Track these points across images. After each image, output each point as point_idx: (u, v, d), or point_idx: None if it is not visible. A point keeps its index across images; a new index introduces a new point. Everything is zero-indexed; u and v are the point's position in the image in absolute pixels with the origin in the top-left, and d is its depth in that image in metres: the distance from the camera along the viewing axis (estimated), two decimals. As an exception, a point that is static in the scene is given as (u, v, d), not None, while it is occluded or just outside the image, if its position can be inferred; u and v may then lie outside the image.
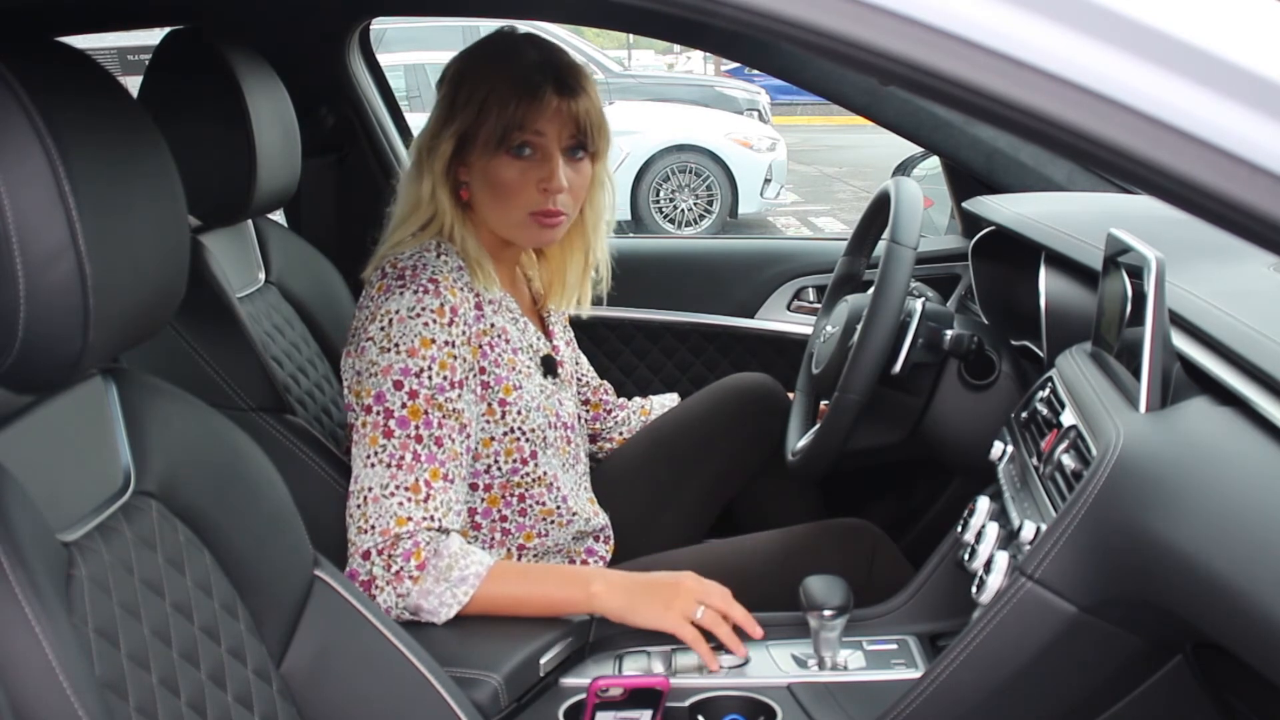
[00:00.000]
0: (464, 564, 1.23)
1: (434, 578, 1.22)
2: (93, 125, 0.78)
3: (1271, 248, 0.56)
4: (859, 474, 1.97)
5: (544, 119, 1.33)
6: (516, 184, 1.34)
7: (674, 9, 0.59)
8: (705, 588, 1.28)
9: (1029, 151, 1.87)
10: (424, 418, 1.26)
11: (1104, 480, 0.98)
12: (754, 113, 9.03)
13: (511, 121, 1.32)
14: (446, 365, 1.28)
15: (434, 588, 1.22)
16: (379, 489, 1.24)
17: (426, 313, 1.28)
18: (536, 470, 1.42)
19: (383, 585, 1.22)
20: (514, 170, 1.34)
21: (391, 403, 1.26)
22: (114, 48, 6.65)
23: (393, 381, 1.26)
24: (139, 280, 0.82)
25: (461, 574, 1.22)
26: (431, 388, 1.27)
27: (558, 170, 1.35)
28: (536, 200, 1.35)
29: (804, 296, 2.26)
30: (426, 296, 1.28)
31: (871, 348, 1.40)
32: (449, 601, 1.22)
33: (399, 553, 1.21)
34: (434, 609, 1.23)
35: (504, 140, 1.33)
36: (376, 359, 1.28)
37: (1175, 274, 1.06)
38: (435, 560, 1.22)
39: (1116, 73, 0.53)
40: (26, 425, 0.82)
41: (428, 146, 1.36)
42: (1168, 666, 1.03)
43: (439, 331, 1.28)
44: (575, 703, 1.25)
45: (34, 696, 0.71)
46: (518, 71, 1.34)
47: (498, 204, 1.36)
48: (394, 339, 1.27)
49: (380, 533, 1.23)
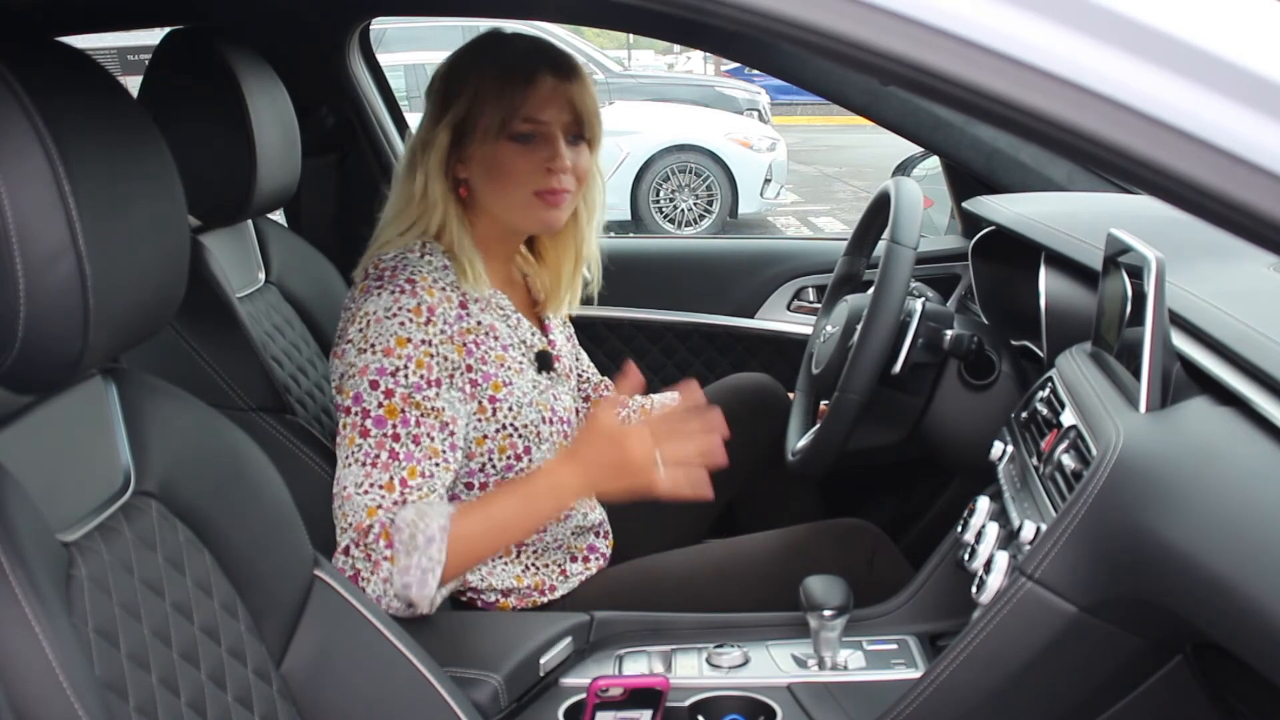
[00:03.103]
0: (425, 525, 1.21)
1: (403, 551, 1.20)
2: (93, 125, 0.78)
3: (1271, 248, 0.56)
4: (859, 474, 1.97)
5: (542, 102, 1.33)
6: (520, 167, 1.34)
7: (674, 9, 0.59)
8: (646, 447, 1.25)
9: (1029, 151, 1.87)
10: (400, 416, 1.26)
11: (1104, 480, 0.98)
12: (754, 113, 9.03)
13: (510, 107, 1.32)
14: (423, 364, 1.28)
15: (407, 561, 1.20)
16: (354, 487, 1.24)
17: (403, 312, 1.28)
18: (531, 466, 1.41)
19: (367, 576, 1.21)
20: (516, 155, 1.34)
21: (368, 402, 1.26)
22: (114, 48, 6.64)
23: (369, 381, 1.27)
24: (139, 280, 0.82)
25: (427, 535, 1.20)
26: (408, 386, 1.27)
27: (562, 149, 1.35)
28: (541, 179, 1.35)
29: (804, 296, 2.27)
30: (403, 296, 1.29)
31: (871, 348, 1.40)
32: (428, 566, 1.20)
33: (370, 539, 1.21)
34: (420, 582, 1.20)
35: (504, 127, 1.33)
36: (354, 360, 1.29)
37: (1175, 274, 1.06)
38: (398, 535, 1.20)
39: (1116, 73, 0.53)
40: (26, 425, 0.82)
41: (421, 142, 1.36)
42: (1168, 666, 1.03)
43: (415, 331, 1.28)
44: (575, 703, 1.25)
45: (34, 696, 0.71)
46: (510, 58, 1.35)
47: (500, 189, 1.36)
48: (370, 339, 1.28)
49: (355, 528, 1.22)
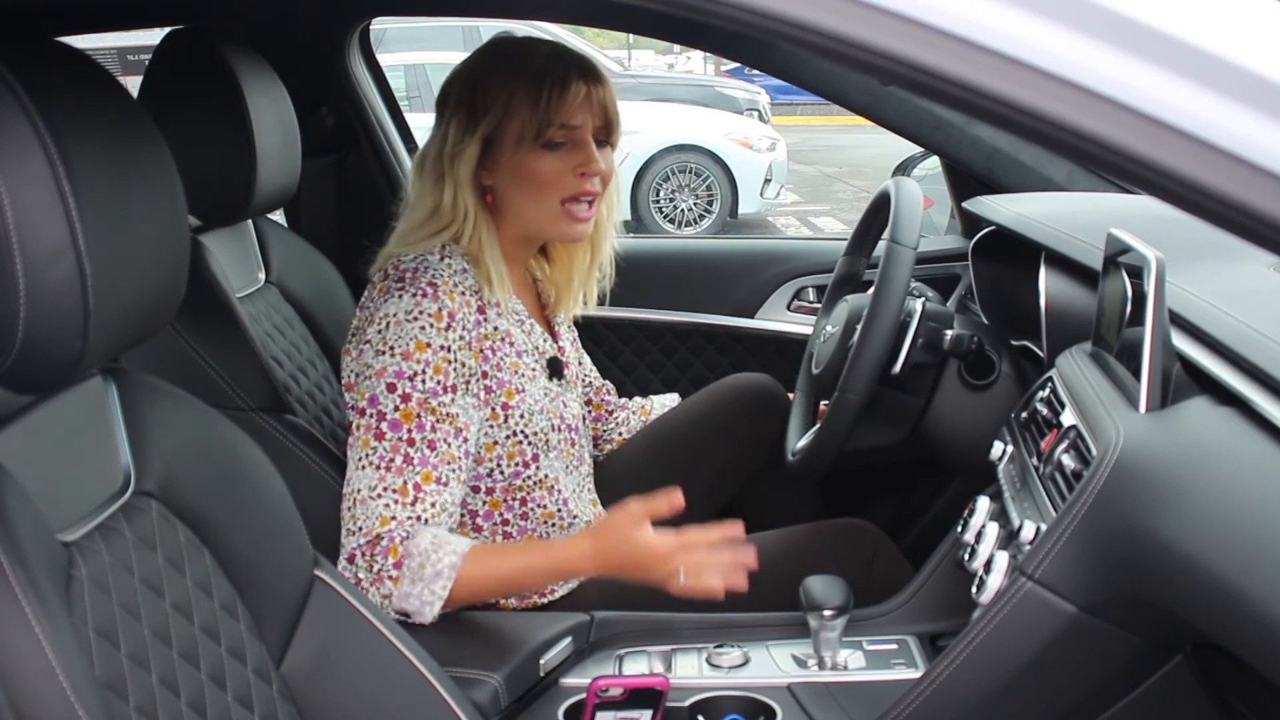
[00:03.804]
0: (436, 558, 1.21)
1: (409, 579, 1.21)
2: (93, 125, 0.78)
3: (1271, 248, 0.56)
4: (859, 474, 1.96)
5: (575, 108, 1.33)
6: (553, 174, 1.34)
7: (674, 9, 0.59)
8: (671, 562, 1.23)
9: (1029, 151, 1.87)
10: (416, 421, 1.26)
11: (1104, 480, 0.98)
12: (754, 113, 9.03)
13: (544, 115, 1.32)
14: (441, 369, 1.28)
15: (411, 589, 1.21)
16: (367, 491, 1.24)
17: (424, 316, 1.28)
18: (538, 473, 1.42)
19: (367, 587, 1.21)
20: (548, 162, 1.34)
21: (384, 405, 1.26)
22: (114, 48, 6.63)
23: (386, 384, 1.26)
24: (139, 280, 0.81)
25: (435, 569, 1.21)
26: (425, 391, 1.26)
27: (594, 153, 1.35)
28: (572, 185, 1.35)
29: (804, 296, 2.27)
30: (425, 300, 1.28)
31: (871, 348, 1.40)
32: (429, 599, 1.21)
33: (378, 552, 1.21)
34: (418, 610, 1.22)
35: (538, 135, 1.33)
36: (371, 361, 1.28)
37: (1175, 274, 1.06)
38: (409, 561, 1.21)
39: (1116, 73, 0.53)
40: (26, 425, 0.82)
41: (450, 154, 1.35)
42: (1168, 666, 1.03)
43: (435, 336, 1.28)
44: (575, 703, 1.25)
45: (34, 696, 0.71)
46: (538, 65, 1.34)
47: (530, 197, 1.36)
48: (389, 342, 1.27)
49: (364, 534, 1.23)
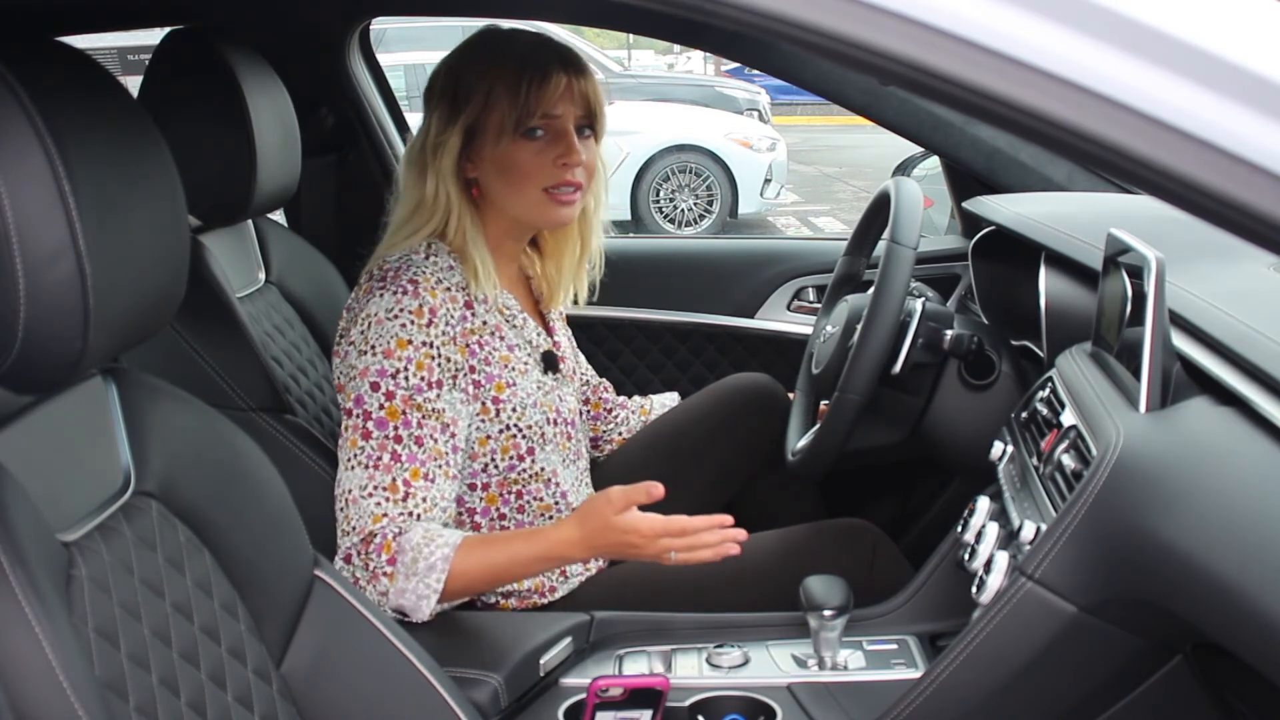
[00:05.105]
0: (429, 552, 1.21)
1: (404, 574, 1.21)
2: (93, 125, 0.78)
3: (1271, 248, 0.56)
4: (859, 474, 1.96)
5: (556, 98, 1.33)
6: (533, 164, 1.34)
7: (674, 9, 0.59)
8: (654, 533, 1.21)
9: (1029, 151, 1.87)
10: (402, 418, 1.26)
11: (1104, 480, 0.98)
12: (754, 113, 9.02)
13: (525, 105, 1.32)
14: (424, 366, 1.28)
15: (406, 584, 1.21)
16: (358, 490, 1.24)
17: (404, 314, 1.28)
18: (534, 466, 1.42)
19: (364, 585, 1.22)
20: (529, 152, 1.34)
21: (369, 404, 1.26)
22: (114, 48, 6.64)
23: (369, 384, 1.27)
24: (139, 280, 0.81)
25: (428, 563, 1.21)
26: (409, 388, 1.27)
27: (575, 143, 1.35)
28: (553, 175, 1.35)
29: (804, 296, 2.26)
30: (405, 298, 1.28)
31: (871, 348, 1.40)
32: (424, 594, 1.21)
33: (371, 550, 1.22)
34: (414, 605, 1.22)
35: (519, 125, 1.33)
36: (355, 362, 1.29)
37: (1175, 274, 1.06)
38: (402, 556, 1.21)
39: (1116, 73, 0.53)
40: (26, 425, 0.82)
41: (433, 145, 1.35)
42: (1168, 666, 1.03)
43: (416, 333, 1.28)
44: (575, 703, 1.25)
45: (34, 696, 0.71)
46: (519, 55, 1.34)
47: (512, 187, 1.36)
48: (371, 341, 1.28)
49: (357, 533, 1.23)
